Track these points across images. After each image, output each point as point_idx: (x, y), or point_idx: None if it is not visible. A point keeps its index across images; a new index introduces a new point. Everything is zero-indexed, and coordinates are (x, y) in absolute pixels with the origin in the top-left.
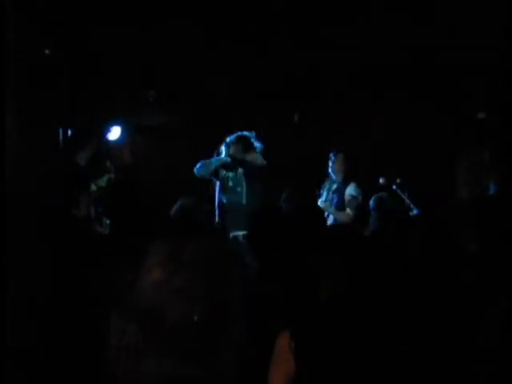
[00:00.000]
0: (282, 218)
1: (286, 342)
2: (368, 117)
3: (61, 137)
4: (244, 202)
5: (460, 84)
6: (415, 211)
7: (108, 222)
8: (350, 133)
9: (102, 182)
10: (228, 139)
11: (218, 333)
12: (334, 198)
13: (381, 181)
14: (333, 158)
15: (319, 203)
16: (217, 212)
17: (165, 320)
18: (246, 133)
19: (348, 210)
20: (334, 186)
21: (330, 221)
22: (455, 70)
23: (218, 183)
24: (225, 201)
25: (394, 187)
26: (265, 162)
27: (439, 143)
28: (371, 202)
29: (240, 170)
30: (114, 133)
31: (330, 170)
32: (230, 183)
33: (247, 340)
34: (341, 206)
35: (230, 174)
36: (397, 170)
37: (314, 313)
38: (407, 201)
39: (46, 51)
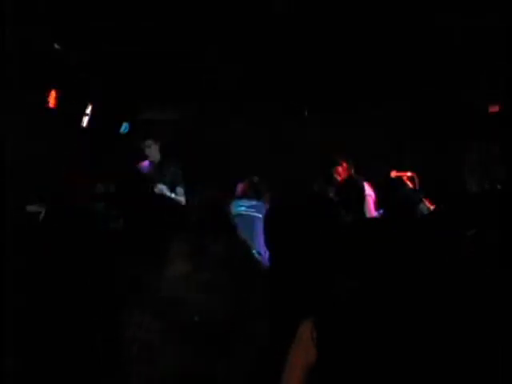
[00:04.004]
0: (299, 210)
1: (308, 332)
2: (376, 109)
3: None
4: None
5: (472, 76)
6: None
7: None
8: (359, 125)
9: None
10: None
11: (239, 332)
12: None
13: (392, 174)
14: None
15: None
16: None
17: (188, 314)
18: None
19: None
20: None
21: None
22: (466, 62)
23: None
24: None
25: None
26: None
27: (448, 136)
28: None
29: None
30: (123, 128)
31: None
32: None
33: (268, 339)
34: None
35: None
36: (406, 163)
37: (340, 304)
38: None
39: (56, 45)
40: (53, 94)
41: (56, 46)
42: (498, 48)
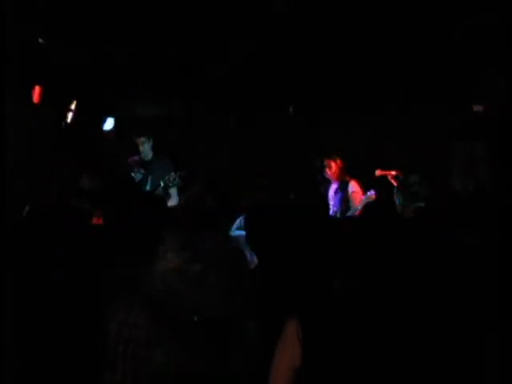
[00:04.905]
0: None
1: (293, 329)
2: (361, 110)
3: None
4: None
5: (456, 76)
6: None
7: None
8: (343, 126)
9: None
10: None
11: (232, 330)
12: (335, 200)
13: (376, 173)
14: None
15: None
16: None
17: (184, 311)
18: None
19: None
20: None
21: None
22: (451, 61)
23: None
24: None
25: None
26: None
27: (433, 135)
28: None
29: None
30: (108, 124)
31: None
32: None
33: (261, 337)
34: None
35: None
36: (391, 163)
37: (325, 302)
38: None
39: (40, 40)
40: (37, 89)
41: (40, 40)
42: (497, 48)
